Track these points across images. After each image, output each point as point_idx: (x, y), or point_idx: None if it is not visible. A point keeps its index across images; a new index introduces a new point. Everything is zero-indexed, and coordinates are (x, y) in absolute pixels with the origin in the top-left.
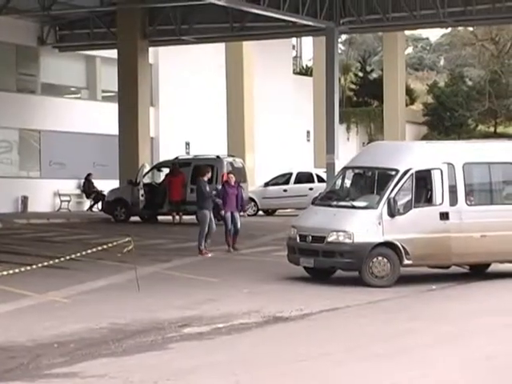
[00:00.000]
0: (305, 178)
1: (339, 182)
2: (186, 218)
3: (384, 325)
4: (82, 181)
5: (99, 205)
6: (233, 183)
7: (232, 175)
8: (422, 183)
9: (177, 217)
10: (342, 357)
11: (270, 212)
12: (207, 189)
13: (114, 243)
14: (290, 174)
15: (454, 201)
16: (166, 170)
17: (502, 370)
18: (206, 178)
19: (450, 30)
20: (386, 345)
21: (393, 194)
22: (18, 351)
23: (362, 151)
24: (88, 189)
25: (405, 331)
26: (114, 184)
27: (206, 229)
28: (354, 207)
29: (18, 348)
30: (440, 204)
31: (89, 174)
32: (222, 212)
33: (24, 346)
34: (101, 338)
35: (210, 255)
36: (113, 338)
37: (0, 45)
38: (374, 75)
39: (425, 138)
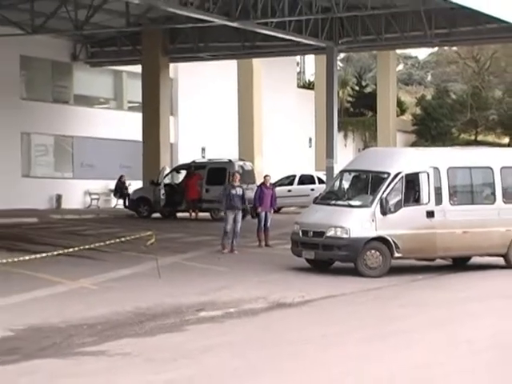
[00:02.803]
0: (307, 179)
1: (337, 183)
2: (201, 214)
3: (376, 311)
4: (115, 181)
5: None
6: (268, 184)
7: (268, 177)
8: (411, 185)
9: (193, 214)
10: (338, 339)
11: (275, 210)
12: (232, 192)
13: (138, 236)
14: (294, 176)
15: (439, 201)
16: (183, 172)
17: (482, 353)
18: (235, 184)
19: (436, 49)
20: (377, 328)
21: (385, 195)
22: (51, 331)
23: (357, 156)
24: (120, 189)
25: (395, 317)
26: (138, 184)
27: (228, 228)
28: (350, 206)
29: (52, 329)
30: (426, 203)
31: (121, 176)
32: (259, 210)
33: (57, 327)
34: (125, 320)
35: (225, 251)
36: (136, 320)
37: (38, 60)
38: (369, 89)
39: (414, 144)
